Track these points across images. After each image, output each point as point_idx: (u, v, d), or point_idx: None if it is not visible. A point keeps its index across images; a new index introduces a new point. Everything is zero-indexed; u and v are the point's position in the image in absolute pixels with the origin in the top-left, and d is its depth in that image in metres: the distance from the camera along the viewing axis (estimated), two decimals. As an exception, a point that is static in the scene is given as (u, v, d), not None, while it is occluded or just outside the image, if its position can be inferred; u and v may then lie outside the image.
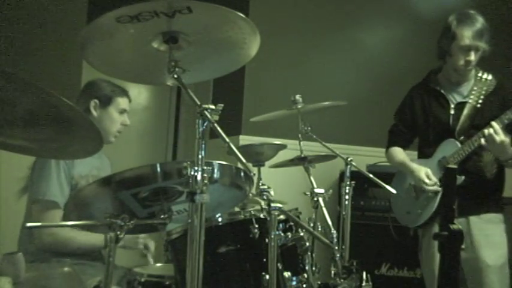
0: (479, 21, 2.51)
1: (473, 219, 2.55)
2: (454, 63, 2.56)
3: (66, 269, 2.17)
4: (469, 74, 2.63)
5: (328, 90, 3.73)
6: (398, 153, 2.84)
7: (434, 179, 2.59)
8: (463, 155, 2.52)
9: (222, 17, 1.39)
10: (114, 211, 1.42)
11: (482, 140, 2.41)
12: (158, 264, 2.20)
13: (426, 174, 2.61)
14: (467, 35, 2.48)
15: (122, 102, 2.47)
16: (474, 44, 2.48)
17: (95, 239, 2.23)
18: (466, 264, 2.50)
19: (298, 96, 2.47)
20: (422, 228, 2.69)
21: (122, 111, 2.48)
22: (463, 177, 2.48)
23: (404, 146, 2.87)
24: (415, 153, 2.88)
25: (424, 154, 2.75)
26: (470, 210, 2.55)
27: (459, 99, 2.64)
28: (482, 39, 2.49)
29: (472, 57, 2.51)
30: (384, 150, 3.09)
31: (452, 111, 2.63)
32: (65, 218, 1.57)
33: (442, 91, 2.67)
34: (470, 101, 2.60)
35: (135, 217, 1.44)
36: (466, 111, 2.59)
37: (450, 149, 2.59)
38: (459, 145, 2.55)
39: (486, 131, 2.40)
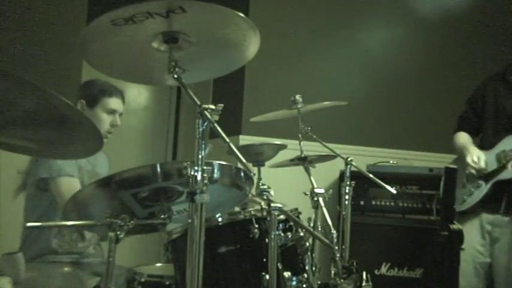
0: None
1: None
2: None
3: (66, 269, 2.17)
4: None
5: (328, 90, 3.72)
6: (462, 136, 2.81)
7: (482, 165, 2.56)
8: None
9: (218, 16, 1.38)
10: (114, 211, 1.42)
11: None
12: (158, 264, 2.20)
13: (478, 156, 2.58)
14: None
15: (110, 102, 2.40)
16: None
17: None
18: (497, 261, 2.51)
19: (298, 96, 2.47)
20: (465, 218, 2.64)
21: (110, 112, 2.41)
22: None
23: (472, 133, 2.83)
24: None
25: (485, 145, 2.71)
26: None
27: None
28: None
29: None
30: (384, 150, 3.10)
31: None
32: (65, 218, 1.58)
33: None
34: None
35: (135, 217, 1.44)
36: None
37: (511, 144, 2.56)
38: None
39: None
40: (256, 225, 1.77)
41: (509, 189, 2.50)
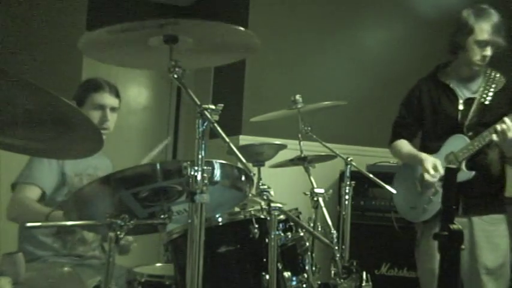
0: (496, 16, 2.49)
1: (476, 220, 2.53)
2: (469, 58, 2.52)
3: (66, 269, 2.17)
4: (480, 70, 2.60)
5: (328, 90, 3.72)
6: (405, 144, 2.77)
7: (440, 172, 2.52)
8: (472, 151, 2.49)
9: (211, 29, 1.39)
10: (114, 211, 1.42)
11: (494, 136, 2.39)
12: (158, 264, 2.20)
13: (433, 164, 2.54)
14: (485, 29, 2.45)
15: (97, 97, 2.29)
16: (492, 39, 2.46)
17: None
18: (463, 264, 2.50)
19: (298, 96, 2.47)
20: (423, 225, 2.65)
21: (98, 107, 2.29)
22: (473, 173, 2.47)
23: (410, 139, 2.80)
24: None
25: (428, 148, 2.69)
26: (474, 211, 2.53)
27: (468, 94, 2.61)
28: (500, 34, 2.47)
29: (489, 52, 2.48)
30: (384, 150, 3.08)
31: (461, 107, 2.59)
32: (65, 217, 1.57)
33: (452, 85, 2.63)
34: (478, 97, 2.57)
35: (135, 217, 1.44)
36: (474, 107, 2.56)
37: (458, 144, 2.54)
38: (468, 140, 2.52)
39: (498, 127, 2.36)
40: (256, 225, 1.77)
41: (465, 190, 2.49)
